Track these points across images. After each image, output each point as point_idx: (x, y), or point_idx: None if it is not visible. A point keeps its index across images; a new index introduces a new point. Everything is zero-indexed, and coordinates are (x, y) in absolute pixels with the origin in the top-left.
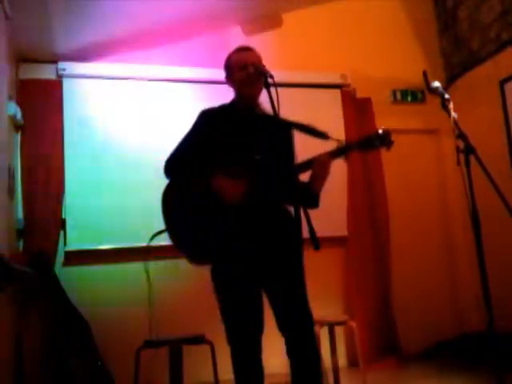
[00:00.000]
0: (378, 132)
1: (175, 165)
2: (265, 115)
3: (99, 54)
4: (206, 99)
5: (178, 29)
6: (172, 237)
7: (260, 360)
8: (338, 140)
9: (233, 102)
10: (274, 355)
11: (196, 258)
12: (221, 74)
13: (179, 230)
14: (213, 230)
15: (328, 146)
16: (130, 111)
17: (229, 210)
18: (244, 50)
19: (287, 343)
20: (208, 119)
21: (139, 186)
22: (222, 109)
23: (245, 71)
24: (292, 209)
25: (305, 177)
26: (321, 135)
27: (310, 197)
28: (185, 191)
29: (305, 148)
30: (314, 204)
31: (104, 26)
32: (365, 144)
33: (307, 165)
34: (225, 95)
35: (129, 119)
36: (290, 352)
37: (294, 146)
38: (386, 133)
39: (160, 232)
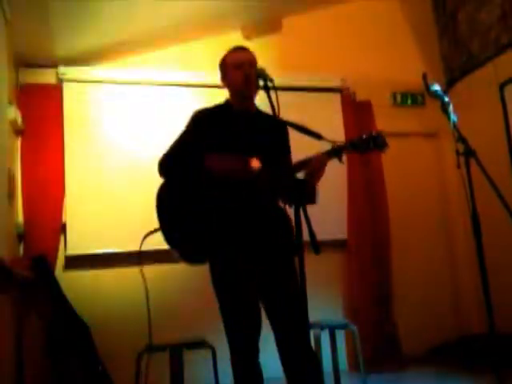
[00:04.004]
0: (371, 133)
1: (169, 164)
2: (260, 114)
3: (99, 59)
4: (205, 103)
5: (177, 32)
6: (166, 235)
7: (258, 362)
8: (332, 141)
9: (227, 102)
10: (273, 359)
11: (190, 257)
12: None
13: (173, 229)
14: (207, 227)
15: (322, 146)
16: (131, 115)
17: (223, 209)
18: (239, 49)
19: (279, 345)
20: (201, 119)
21: (140, 190)
22: (216, 109)
23: (241, 70)
24: (288, 209)
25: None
26: (315, 135)
27: (308, 193)
28: (179, 190)
29: (300, 147)
30: (313, 200)
31: (104, 30)
32: (357, 145)
33: (304, 164)
34: (223, 99)
35: (129, 123)
36: (284, 355)
37: (289, 145)
38: (379, 135)
39: (152, 232)
